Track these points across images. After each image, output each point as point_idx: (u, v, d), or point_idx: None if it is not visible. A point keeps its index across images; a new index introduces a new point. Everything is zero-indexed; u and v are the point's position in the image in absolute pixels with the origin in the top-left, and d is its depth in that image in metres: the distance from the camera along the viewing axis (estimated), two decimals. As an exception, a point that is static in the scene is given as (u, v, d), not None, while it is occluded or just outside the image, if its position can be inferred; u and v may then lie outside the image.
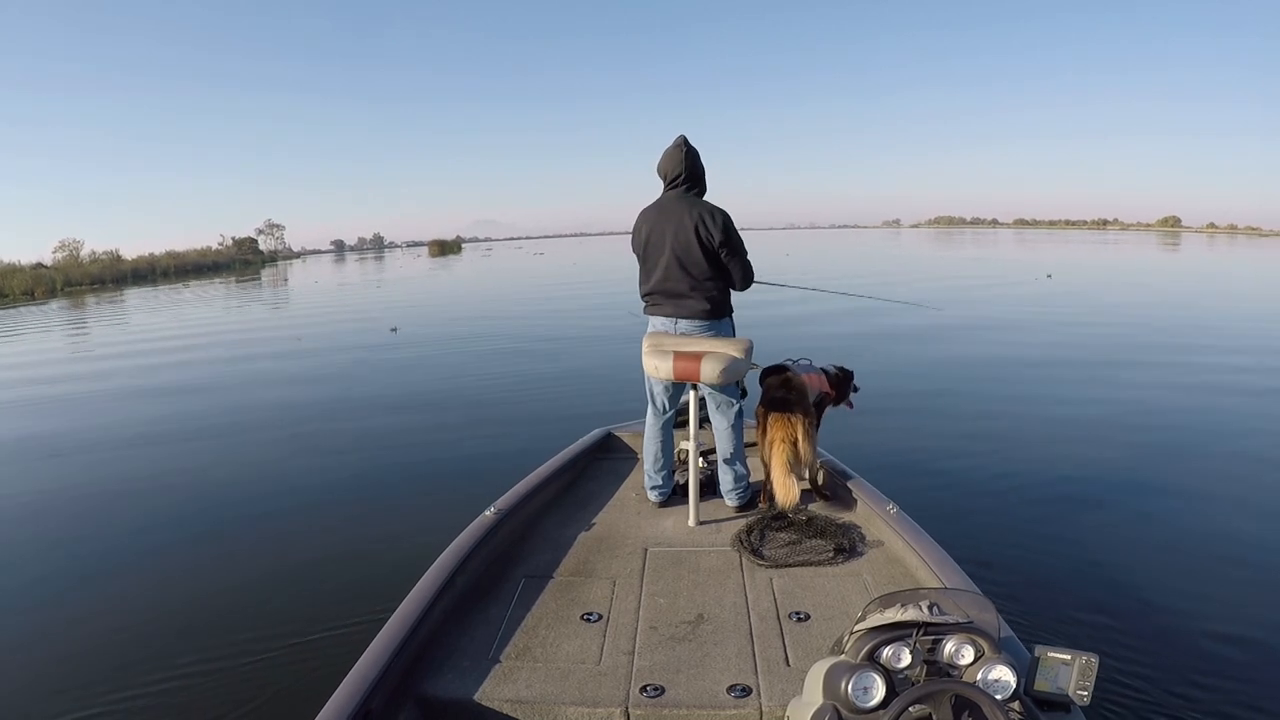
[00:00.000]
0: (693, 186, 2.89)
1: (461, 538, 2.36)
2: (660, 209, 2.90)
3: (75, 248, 55.34)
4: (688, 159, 2.85)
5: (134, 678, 2.79)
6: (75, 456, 5.95)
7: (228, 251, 72.60)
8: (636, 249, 2.96)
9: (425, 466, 5.20)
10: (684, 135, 2.91)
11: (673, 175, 2.88)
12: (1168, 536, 3.82)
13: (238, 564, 3.73)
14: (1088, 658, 1.40)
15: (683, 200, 2.86)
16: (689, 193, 2.88)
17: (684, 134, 2.92)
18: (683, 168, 2.85)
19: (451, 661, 1.92)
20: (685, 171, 2.85)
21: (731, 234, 2.81)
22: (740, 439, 2.89)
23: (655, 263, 2.87)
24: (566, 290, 20.61)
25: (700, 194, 2.92)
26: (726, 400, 2.85)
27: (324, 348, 11.23)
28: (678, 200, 2.87)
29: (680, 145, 2.87)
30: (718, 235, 2.77)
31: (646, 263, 2.93)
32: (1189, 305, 14.03)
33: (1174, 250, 43.32)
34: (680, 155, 2.85)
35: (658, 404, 2.94)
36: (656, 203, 2.94)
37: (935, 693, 1.29)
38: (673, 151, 2.88)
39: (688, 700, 1.75)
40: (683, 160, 2.85)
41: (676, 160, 2.86)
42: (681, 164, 2.85)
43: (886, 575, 2.32)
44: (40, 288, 36.86)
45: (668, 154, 2.89)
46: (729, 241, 2.80)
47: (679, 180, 2.87)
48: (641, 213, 2.97)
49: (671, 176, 2.89)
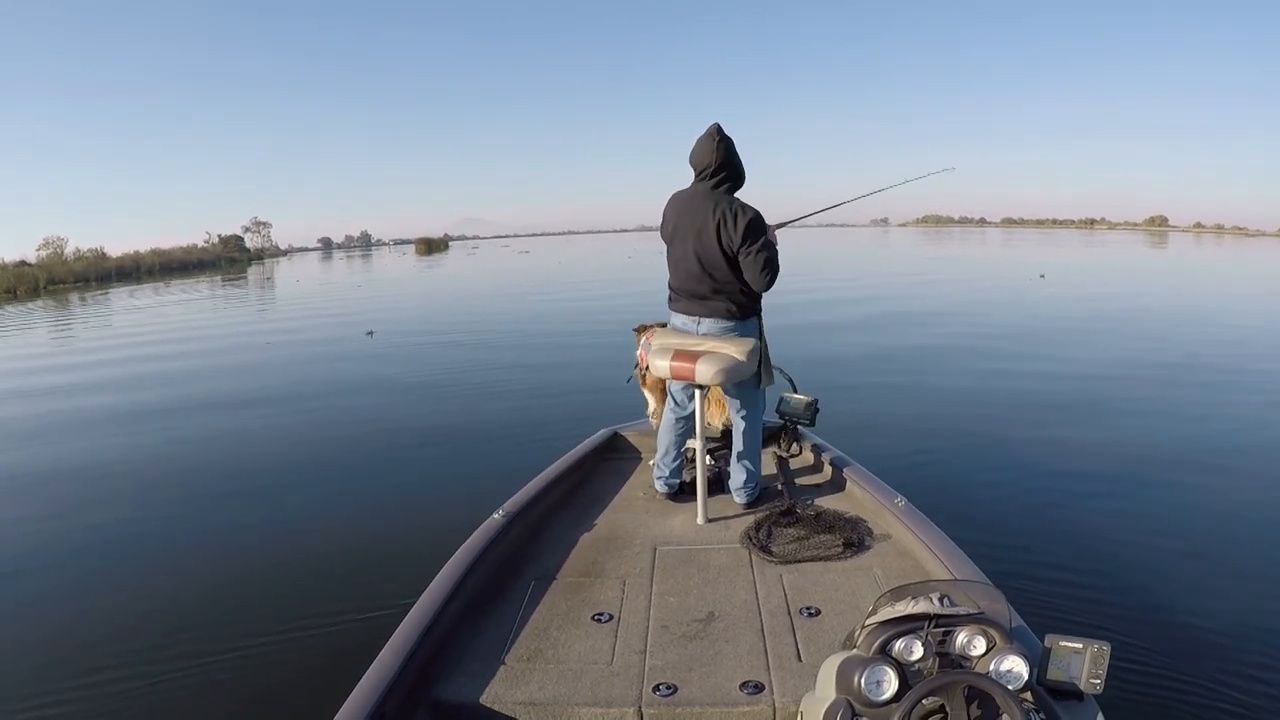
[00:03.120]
0: (725, 180, 2.68)
1: (470, 541, 2.37)
2: (689, 201, 2.72)
3: (59, 245, 54.59)
4: (720, 149, 2.63)
5: (147, 677, 2.78)
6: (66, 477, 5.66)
7: (214, 249, 71.79)
8: (664, 235, 2.83)
9: (432, 470, 5.18)
10: (718, 123, 2.67)
11: (702, 167, 2.68)
12: (1179, 524, 3.86)
13: (248, 567, 3.72)
14: (1100, 646, 1.40)
15: (710, 197, 2.67)
16: (719, 187, 2.68)
17: (718, 121, 2.67)
18: (713, 159, 2.63)
19: (464, 665, 1.92)
20: (716, 163, 2.64)
21: (757, 234, 2.64)
22: (757, 439, 2.86)
23: (678, 260, 2.75)
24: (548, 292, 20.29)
25: (733, 188, 2.72)
26: (744, 398, 2.82)
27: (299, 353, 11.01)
28: (705, 197, 2.68)
29: (713, 134, 2.65)
30: (738, 238, 2.61)
31: (671, 256, 2.79)
32: (1189, 303, 14.25)
33: (1163, 249, 43.82)
34: (712, 145, 2.63)
35: (677, 399, 2.89)
36: (687, 192, 2.76)
37: (948, 684, 1.30)
38: (704, 141, 2.66)
39: (701, 698, 1.77)
40: (714, 150, 2.63)
41: (708, 150, 2.64)
42: (713, 154, 2.63)
43: (896, 568, 2.34)
44: (23, 285, 36.21)
45: (700, 144, 2.67)
46: (751, 243, 2.62)
47: (709, 173, 2.67)
48: (672, 198, 2.81)
49: (701, 168, 2.68)
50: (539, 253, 54.44)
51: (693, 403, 2.80)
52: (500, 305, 17.20)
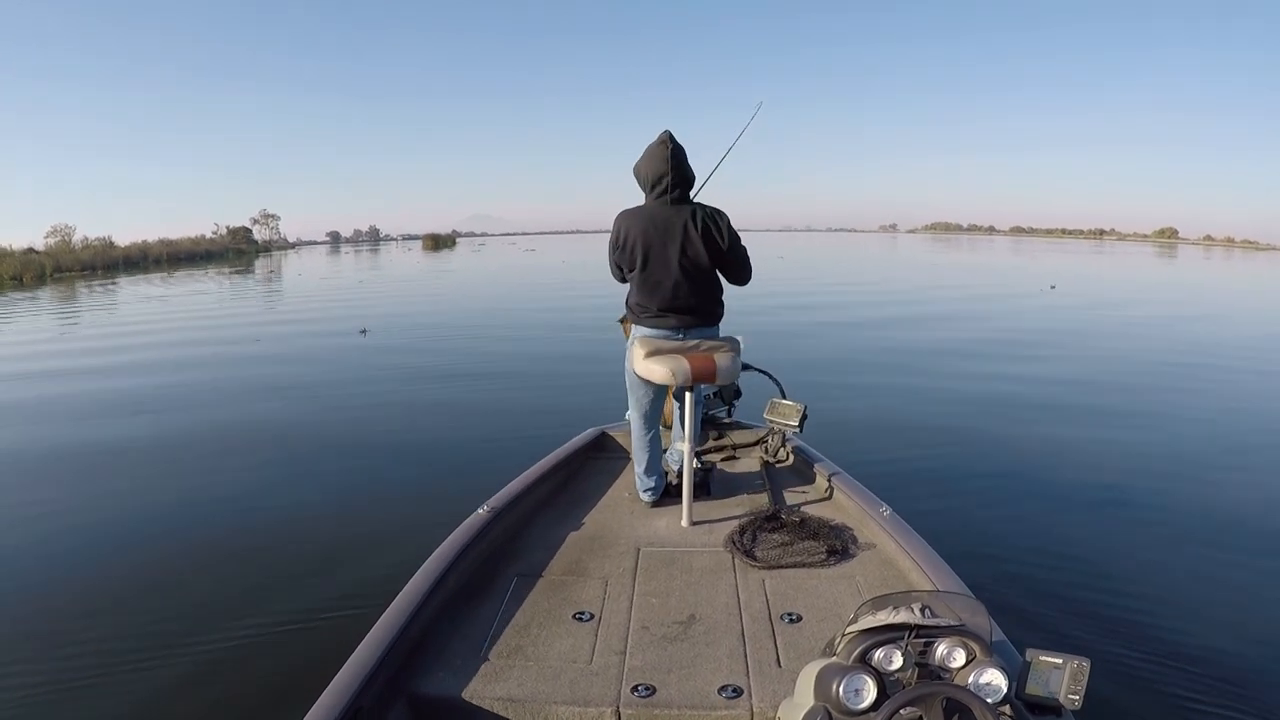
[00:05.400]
0: (687, 188, 2.59)
1: (454, 536, 2.36)
2: (651, 220, 2.56)
3: (67, 233, 54.96)
4: (674, 159, 2.51)
5: (120, 673, 2.76)
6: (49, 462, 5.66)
7: (221, 241, 72.31)
8: (623, 260, 2.65)
9: (417, 465, 5.16)
10: (668, 130, 2.53)
11: (659, 178, 2.52)
12: (1161, 541, 3.84)
13: (226, 562, 3.68)
14: (1079, 662, 1.39)
15: (680, 210, 2.55)
16: (682, 198, 2.58)
17: (668, 129, 2.52)
18: (669, 167, 2.50)
19: (443, 660, 1.91)
20: (674, 174, 2.52)
21: (736, 235, 2.63)
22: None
23: (657, 280, 2.60)
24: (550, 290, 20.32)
25: (687, 194, 2.62)
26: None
27: (301, 346, 11.00)
28: (675, 211, 2.55)
29: (665, 143, 2.52)
30: (726, 239, 2.58)
31: (647, 277, 2.62)
32: (1190, 316, 14.14)
33: (1172, 261, 43.81)
34: (665, 154, 2.50)
35: (644, 407, 2.80)
36: (644, 211, 2.59)
37: (926, 695, 1.28)
38: (656, 151, 2.52)
39: (679, 700, 1.75)
40: (668, 159, 2.50)
41: (661, 160, 2.50)
42: (667, 163, 2.50)
43: (879, 577, 2.32)
44: (29, 273, 36.27)
45: (651, 155, 2.53)
46: (736, 241, 2.62)
47: (669, 184, 2.52)
48: (624, 216, 2.63)
49: (657, 179, 2.52)
50: (545, 251, 54.66)
51: (659, 409, 2.83)
52: (498, 303, 17.19)
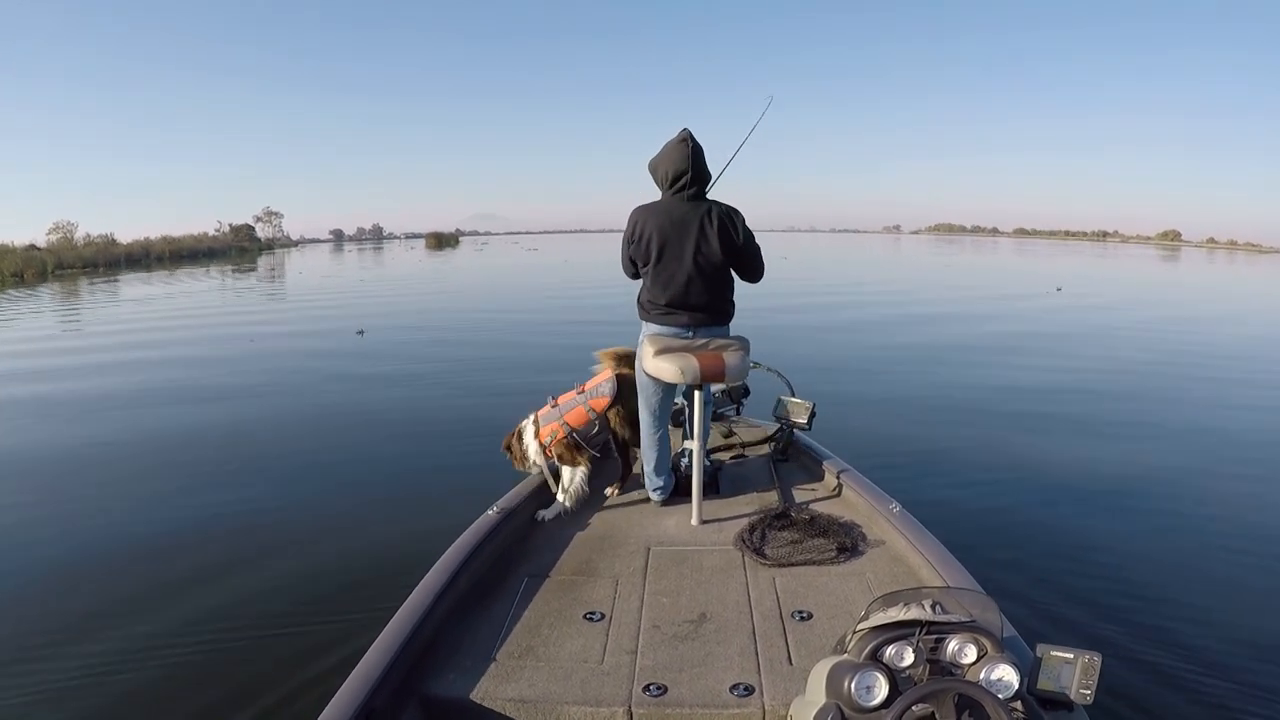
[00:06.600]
0: (703, 185, 2.62)
1: (464, 537, 2.37)
2: (668, 216, 2.59)
3: (69, 230, 54.77)
4: (694, 156, 2.54)
5: (133, 670, 2.77)
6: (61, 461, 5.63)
7: (224, 238, 71.99)
8: (638, 254, 2.67)
9: (426, 466, 5.16)
10: (688, 129, 2.57)
11: (677, 176, 2.55)
12: (1172, 535, 3.85)
13: (239, 562, 3.68)
14: (1090, 656, 1.40)
15: (696, 206, 2.58)
16: (698, 195, 2.61)
17: (687, 127, 2.57)
18: (689, 165, 2.54)
19: (454, 661, 1.92)
20: (693, 171, 2.55)
21: (750, 233, 2.64)
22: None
23: (671, 275, 2.63)
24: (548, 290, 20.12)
25: (703, 192, 2.65)
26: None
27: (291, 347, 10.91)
28: (692, 207, 2.58)
29: (685, 140, 2.55)
30: (741, 235, 2.61)
31: (661, 272, 2.64)
32: (1197, 317, 14.16)
33: (1176, 263, 43.69)
34: (686, 151, 2.53)
35: (653, 406, 2.79)
36: (661, 207, 2.63)
37: (938, 692, 1.29)
38: (676, 148, 2.55)
39: (691, 699, 1.76)
40: (688, 157, 2.53)
41: (682, 157, 2.54)
42: (687, 161, 2.54)
43: (889, 574, 2.33)
44: (30, 270, 35.79)
45: (671, 151, 2.56)
46: (750, 239, 2.64)
47: (686, 182, 2.56)
48: (640, 211, 2.66)
49: (677, 176, 2.56)
50: (548, 250, 54.39)
51: (668, 409, 2.83)
52: (499, 303, 17.15)
